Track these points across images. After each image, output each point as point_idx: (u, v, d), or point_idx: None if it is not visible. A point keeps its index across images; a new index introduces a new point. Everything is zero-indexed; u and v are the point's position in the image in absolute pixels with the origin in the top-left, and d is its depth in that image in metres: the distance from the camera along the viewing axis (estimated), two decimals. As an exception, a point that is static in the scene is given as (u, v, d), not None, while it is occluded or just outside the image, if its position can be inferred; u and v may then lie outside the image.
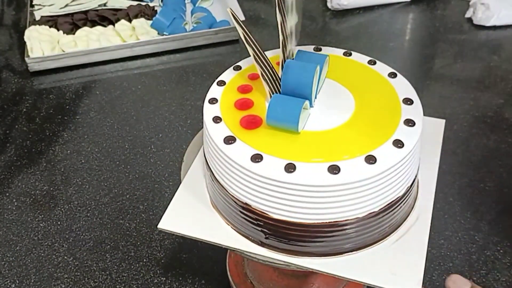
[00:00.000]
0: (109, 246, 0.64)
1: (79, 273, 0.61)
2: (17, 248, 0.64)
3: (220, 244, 0.43)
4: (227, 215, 0.44)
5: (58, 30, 1.00)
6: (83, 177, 0.74)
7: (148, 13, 1.05)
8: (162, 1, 1.10)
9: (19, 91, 0.92)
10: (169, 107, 0.86)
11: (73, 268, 0.62)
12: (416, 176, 0.44)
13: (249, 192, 0.39)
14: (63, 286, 0.60)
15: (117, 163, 0.76)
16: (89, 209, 0.69)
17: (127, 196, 0.70)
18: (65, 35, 0.99)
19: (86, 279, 0.60)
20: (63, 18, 1.04)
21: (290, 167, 0.37)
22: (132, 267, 0.62)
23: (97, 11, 1.05)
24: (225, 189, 0.42)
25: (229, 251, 0.58)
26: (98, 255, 0.63)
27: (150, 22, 1.01)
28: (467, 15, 1.05)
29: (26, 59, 0.93)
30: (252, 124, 0.41)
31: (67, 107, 0.87)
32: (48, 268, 0.62)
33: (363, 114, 0.43)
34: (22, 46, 0.99)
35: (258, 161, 0.38)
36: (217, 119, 0.42)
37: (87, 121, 0.84)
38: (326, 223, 0.39)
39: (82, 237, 0.65)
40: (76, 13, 1.05)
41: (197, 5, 1.10)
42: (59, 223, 0.67)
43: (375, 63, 0.48)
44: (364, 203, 0.39)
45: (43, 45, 0.95)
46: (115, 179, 0.73)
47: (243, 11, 1.04)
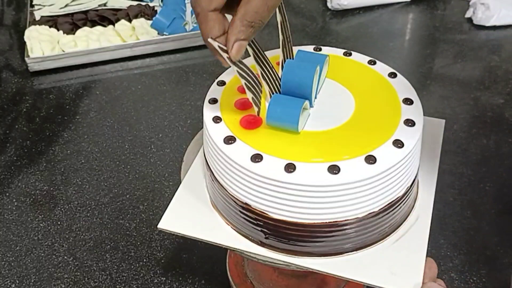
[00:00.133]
0: (109, 246, 0.64)
1: (79, 273, 0.61)
2: (17, 248, 0.64)
3: (220, 244, 0.43)
4: (227, 215, 0.44)
5: (58, 30, 1.00)
6: (83, 177, 0.73)
7: (148, 13, 1.05)
8: (162, 1, 1.10)
9: (19, 91, 0.92)
10: (169, 107, 0.86)
11: (73, 268, 0.62)
12: (416, 176, 0.44)
13: (249, 192, 0.39)
14: (63, 286, 0.60)
15: (117, 163, 0.76)
16: (89, 209, 0.69)
17: (127, 196, 0.70)
18: (65, 35, 0.99)
19: (86, 279, 0.60)
20: (63, 18, 1.04)
21: (290, 167, 0.37)
22: (132, 267, 0.62)
23: (97, 11, 1.05)
24: (225, 189, 0.42)
25: (229, 251, 0.58)
26: (98, 255, 0.63)
27: (150, 22, 1.01)
28: (467, 15, 1.05)
29: (26, 59, 0.93)
30: (252, 124, 0.41)
31: (67, 107, 0.87)
32: (48, 268, 0.62)
33: (363, 114, 0.42)
34: (22, 46, 0.98)
35: (258, 161, 0.38)
36: (217, 119, 0.42)
37: (87, 121, 0.84)
38: (326, 223, 0.39)
39: (82, 237, 0.65)
40: (76, 13, 1.05)
41: (197, 5, 1.10)
42: (59, 223, 0.67)
43: (375, 63, 0.48)
44: (364, 203, 0.39)
45: (43, 45, 0.95)
46: (115, 179, 0.73)
47: (243, 11, 1.04)
